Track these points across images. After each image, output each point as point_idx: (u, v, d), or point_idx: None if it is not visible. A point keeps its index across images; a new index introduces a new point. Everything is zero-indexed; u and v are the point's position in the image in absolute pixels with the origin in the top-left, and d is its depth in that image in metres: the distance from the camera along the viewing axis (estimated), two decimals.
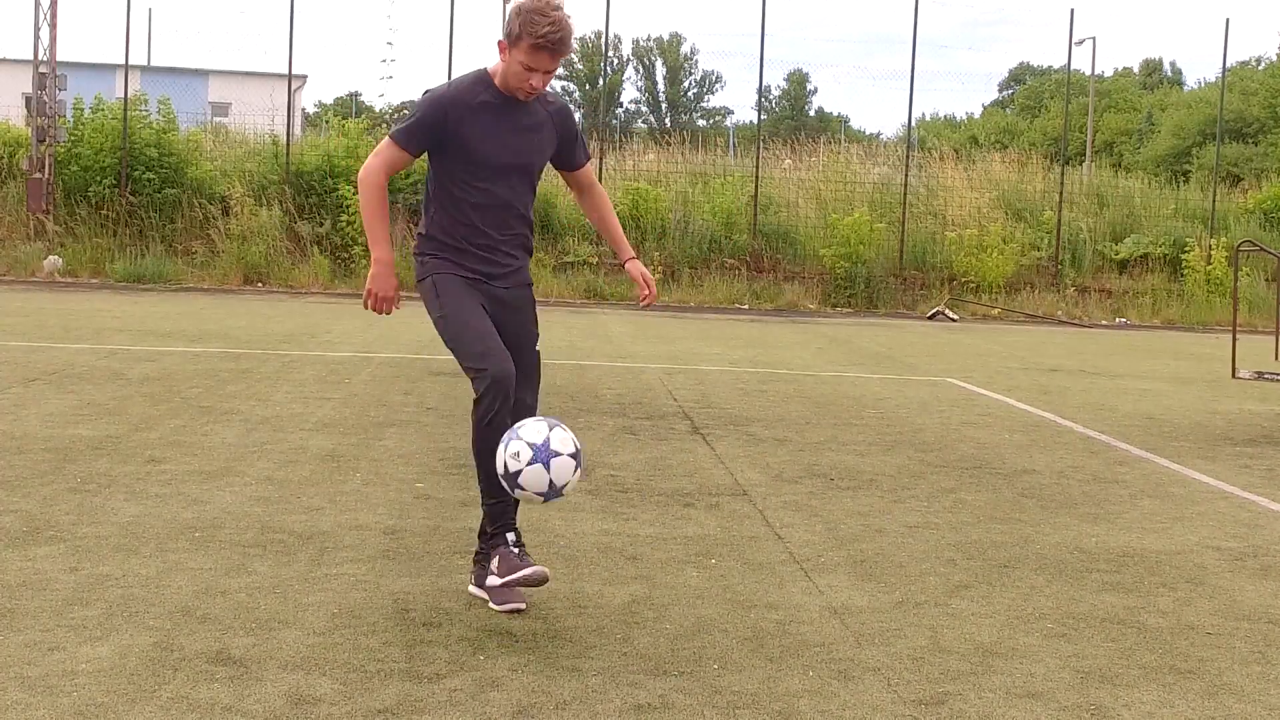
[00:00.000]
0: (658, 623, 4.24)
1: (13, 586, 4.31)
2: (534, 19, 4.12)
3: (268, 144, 24.57)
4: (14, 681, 3.46)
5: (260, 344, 12.42)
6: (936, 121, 64.34)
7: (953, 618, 4.45)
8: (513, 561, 4.26)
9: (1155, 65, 70.10)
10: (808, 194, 25.88)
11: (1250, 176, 32.40)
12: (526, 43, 4.15)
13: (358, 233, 22.14)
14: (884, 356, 14.31)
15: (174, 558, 4.75)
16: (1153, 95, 57.21)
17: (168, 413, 8.04)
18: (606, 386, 10.29)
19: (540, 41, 4.14)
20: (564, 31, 4.16)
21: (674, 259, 23.40)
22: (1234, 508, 6.62)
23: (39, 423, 7.45)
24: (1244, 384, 11.96)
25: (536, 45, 4.14)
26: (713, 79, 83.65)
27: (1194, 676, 3.96)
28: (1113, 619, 4.52)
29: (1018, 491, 6.77)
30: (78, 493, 5.73)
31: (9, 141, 23.52)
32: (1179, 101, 49.87)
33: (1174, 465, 7.81)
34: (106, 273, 21.42)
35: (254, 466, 6.50)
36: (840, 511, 6.08)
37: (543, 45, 4.14)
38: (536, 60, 4.17)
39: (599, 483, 6.50)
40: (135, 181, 22.43)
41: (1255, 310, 23.06)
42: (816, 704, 3.58)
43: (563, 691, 3.58)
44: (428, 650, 3.87)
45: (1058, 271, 24.53)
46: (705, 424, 8.59)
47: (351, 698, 3.46)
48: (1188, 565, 5.34)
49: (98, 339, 12.19)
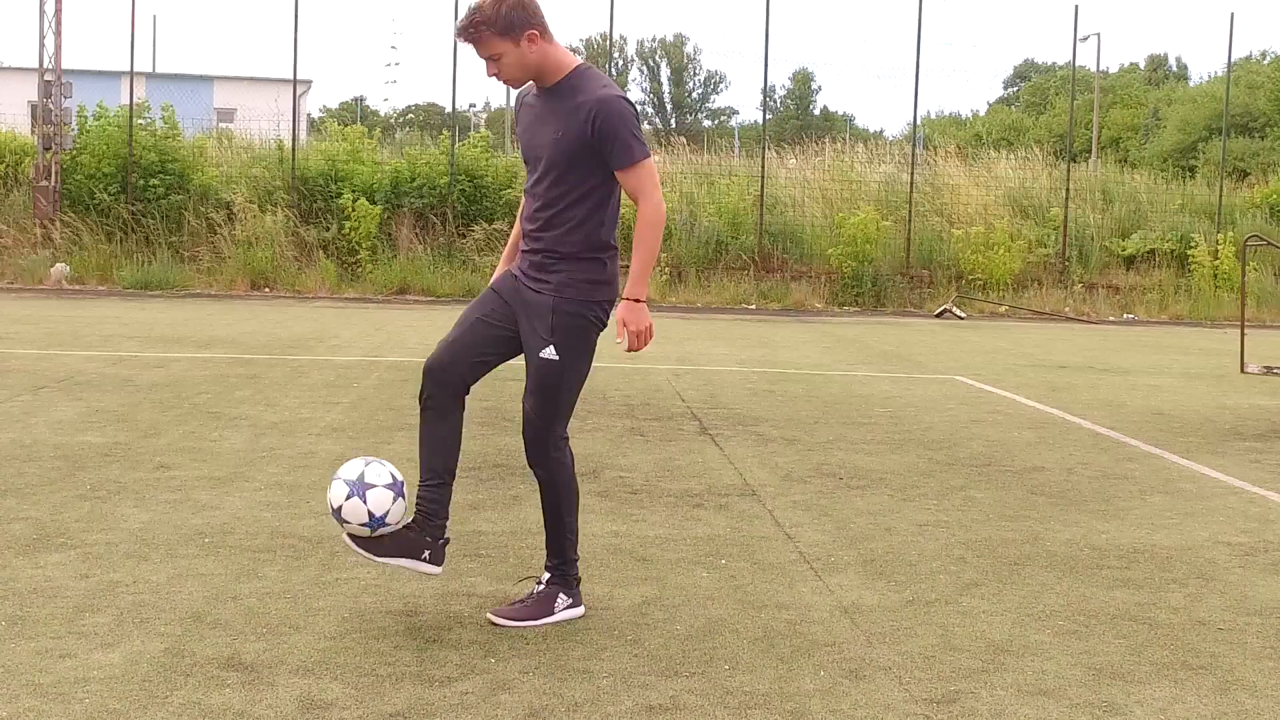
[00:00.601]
0: (668, 624, 4.24)
1: (23, 594, 4.31)
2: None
3: (273, 149, 24.61)
4: (26, 689, 3.47)
5: (268, 349, 12.43)
6: (942, 119, 64.29)
7: (963, 616, 4.44)
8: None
9: (1160, 60, 70.04)
10: (813, 193, 25.86)
11: (1257, 171, 32.31)
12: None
13: (362, 238, 22.18)
14: (892, 355, 14.30)
15: (184, 564, 4.75)
16: (1158, 90, 57.13)
17: (176, 419, 8.05)
18: (614, 388, 10.29)
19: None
20: (465, 19, 4.12)
21: (680, 260, 23.41)
22: (1244, 503, 6.60)
23: (48, 430, 7.47)
24: (1253, 379, 11.94)
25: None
26: (717, 79, 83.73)
27: (1206, 672, 3.95)
28: (1124, 615, 4.51)
29: (1027, 489, 6.76)
30: (87, 499, 5.74)
31: (15, 150, 23.57)
32: (1184, 96, 49.76)
33: (1183, 461, 7.79)
34: (114, 280, 21.46)
35: (263, 472, 6.51)
36: (850, 510, 6.07)
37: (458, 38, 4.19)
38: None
39: (608, 484, 6.50)
40: (140, 188, 22.48)
41: (1263, 305, 23.03)
42: (828, 704, 3.57)
43: (574, 693, 3.58)
44: (438, 654, 3.87)
45: (1065, 268, 24.49)
46: (714, 424, 8.59)
47: (363, 702, 3.46)
48: (1198, 561, 5.33)
49: (106, 346, 12.21)
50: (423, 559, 4.19)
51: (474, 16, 4.10)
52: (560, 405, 4.22)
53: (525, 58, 4.12)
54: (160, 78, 39.04)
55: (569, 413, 4.26)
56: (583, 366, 4.24)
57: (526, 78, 4.20)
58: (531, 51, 4.11)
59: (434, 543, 4.20)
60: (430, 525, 4.20)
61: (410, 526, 4.19)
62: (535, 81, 4.23)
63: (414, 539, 4.18)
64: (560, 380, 4.19)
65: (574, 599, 4.29)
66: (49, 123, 22.31)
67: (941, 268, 23.97)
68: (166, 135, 23.03)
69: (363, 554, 4.14)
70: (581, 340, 4.21)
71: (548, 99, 4.21)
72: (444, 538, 4.24)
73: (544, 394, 4.19)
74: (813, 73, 78.70)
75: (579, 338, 4.20)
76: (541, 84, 4.22)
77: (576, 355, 4.20)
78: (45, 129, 22.32)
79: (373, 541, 4.12)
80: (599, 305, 4.22)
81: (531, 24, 4.10)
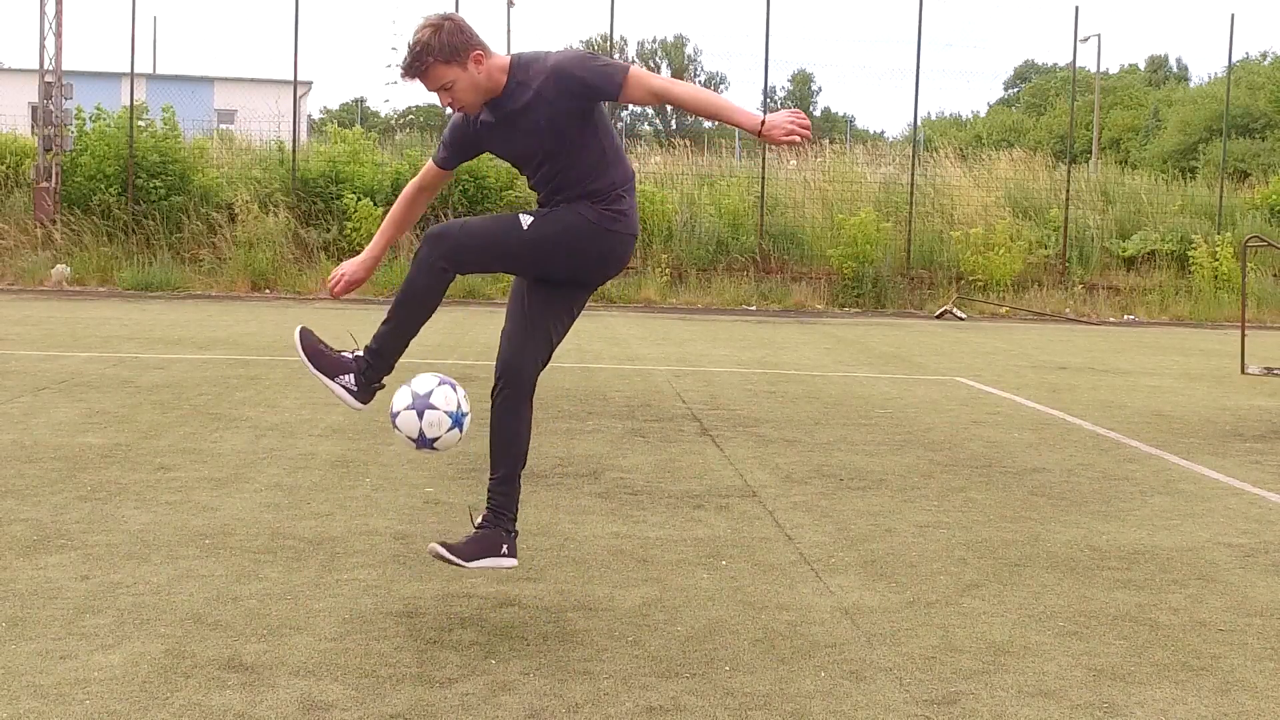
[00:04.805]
0: (669, 625, 4.24)
1: (24, 595, 4.31)
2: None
3: (273, 150, 24.62)
4: (26, 690, 3.47)
5: (268, 350, 12.43)
6: (942, 120, 64.32)
7: (964, 617, 4.44)
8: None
9: (1161, 61, 70.07)
10: (814, 194, 25.87)
11: (1257, 171, 32.33)
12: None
13: (364, 239, 22.19)
14: (892, 356, 14.30)
15: (184, 565, 4.75)
16: (1159, 91, 57.15)
17: (177, 420, 8.05)
18: (615, 389, 10.28)
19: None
20: (408, 56, 4.12)
21: (681, 261, 23.41)
22: (1245, 504, 6.60)
23: (48, 431, 7.47)
24: (1253, 379, 11.94)
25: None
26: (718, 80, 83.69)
27: (1206, 673, 3.95)
28: (1124, 616, 4.51)
29: (1028, 490, 6.76)
30: (88, 501, 5.74)
31: (15, 151, 23.58)
32: (1185, 97, 49.78)
33: (1184, 462, 7.79)
34: (114, 281, 21.46)
35: (264, 473, 6.51)
36: (850, 512, 6.07)
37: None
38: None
39: (609, 485, 6.50)
40: (141, 189, 22.49)
41: (1264, 305, 23.04)
42: (829, 705, 3.57)
43: (575, 695, 3.58)
44: (439, 655, 3.87)
45: (1065, 269, 24.49)
46: (714, 425, 8.59)
47: (363, 703, 3.46)
48: (1199, 562, 5.33)
49: (106, 347, 12.21)
50: (502, 554, 4.28)
51: (416, 50, 4.09)
52: (486, 243, 4.22)
53: (475, 79, 4.12)
54: (161, 79, 39.10)
55: (478, 260, 4.26)
56: (544, 246, 4.19)
57: (480, 99, 4.17)
58: (480, 72, 4.11)
59: (509, 536, 4.29)
60: (502, 519, 4.29)
61: (484, 524, 4.29)
62: (487, 99, 4.20)
63: (490, 536, 4.26)
64: (509, 231, 4.20)
65: (359, 388, 4.31)
66: (49, 124, 22.32)
67: (942, 269, 23.98)
68: (167, 136, 23.04)
69: (454, 562, 4.20)
70: (560, 223, 4.19)
71: (503, 107, 4.19)
72: (514, 530, 4.33)
73: (486, 229, 4.26)
74: (813, 74, 78.76)
75: (559, 222, 4.19)
76: (492, 95, 4.20)
77: (549, 232, 4.18)
78: (46, 130, 22.33)
79: (456, 548, 4.21)
80: (608, 216, 4.21)
81: (473, 45, 4.10)
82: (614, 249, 4.27)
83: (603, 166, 4.22)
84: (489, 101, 4.20)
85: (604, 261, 4.29)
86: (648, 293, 22.52)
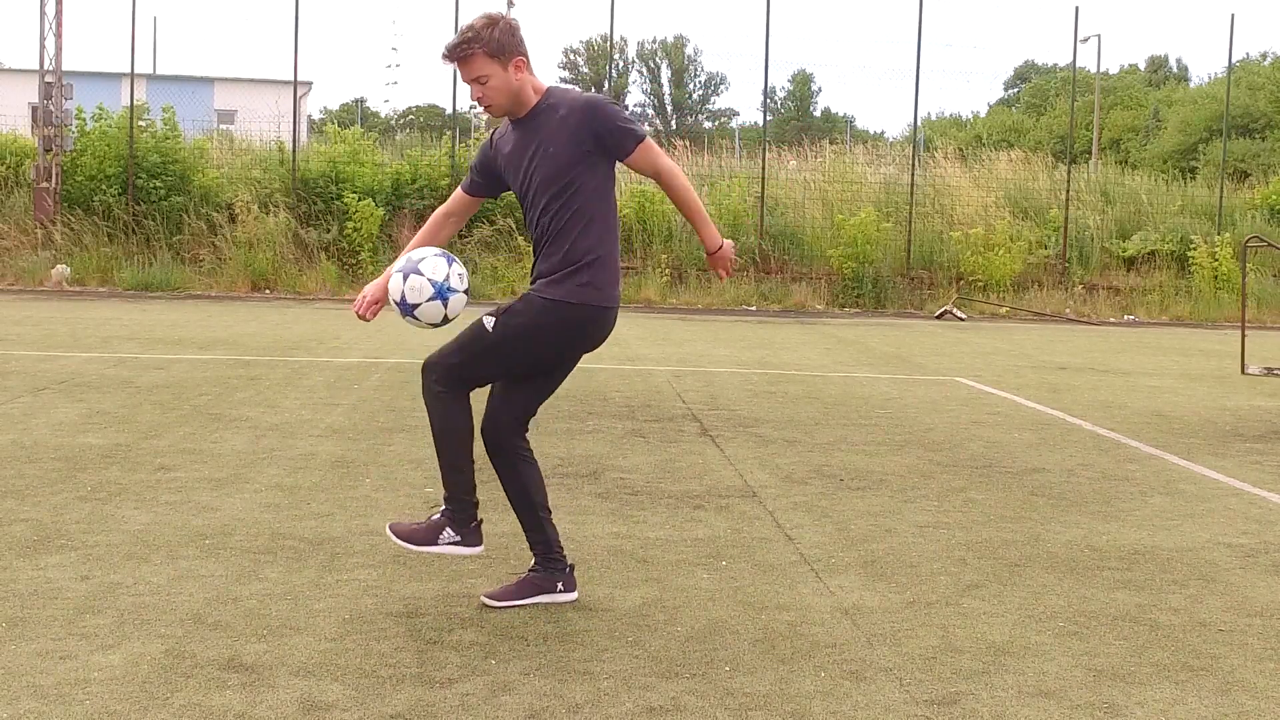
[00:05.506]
0: (669, 625, 4.24)
1: (24, 595, 4.32)
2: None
3: (273, 151, 24.62)
4: (27, 690, 3.47)
5: (269, 351, 12.44)
6: (942, 120, 64.30)
7: (964, 617, 4.44)
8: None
9: (1161, 61, 70.06)
10: (814, 195, 25.87)
11: (1257, 172, 32.33)
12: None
13: (364, 239, 22.21)
14: (892, 356, 14.30)
15: (185, 565, 4.75)
16: (1159, 92, 57.16)
17: (177, 420, 8.05)
18: (615, 389, 10.29)
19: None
20: (457, 37, 4.22)
21: (681, 261, 23.41)
22: (1245, 504, 6.60)
23: (49, 431, 7.47)
24: (1253, 380, 11.95)
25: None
26: (718, 80, 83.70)
27: (1207, 674, 3.95)
28: (1125, 617, 4.51)
29: (1028, 490, 6.77)
30: (88, 501, 5.74)
31: (15, 151, 23.57)
32: (1185, 98, 49.78)
33: (1184, 462, 7.79)
34: (114, 281, 21.46)
35: (264, 473, 6.51)
36: (850, 512, 6.07)
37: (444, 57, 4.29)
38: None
39: (609, 486, 6.50)
40: (141, 190, 22.49)
41: (1264, 306, 23.03)
42: (829, 705, 3.57)
43: (575, 695, 3.58)
44: (439, 655, 3.87)
45: (1065, 269, 24.49)
46: (714, 426, 8.59)
47: (363, 703, 3.46)
48: (1199, 562, 5.33)
49: (106, 347, 12.21)
50: (558, 590, 4.44)
51: (467, 35, 4.21)
52: (465, 357, 4.32)
53: (510, 83, 4.23)
54: (161, 79, 39.09)
55: (469, 374, 4.35)
56: (511, 344, 4.30)
57: (508, 105, 4.28)
58: (516, 78, 4.24)
59: (563, 572, 4.46)
60: (551, 561, 4.44)
61: (535, 569, 4.46)
62: (511, 113, 4.32)
63: (542, 578, 4.43)
64: (481, 341, 4.31)
65: (463, 538, 4.41)
66: (50, 124, 22.31)
67: (942, 269, 23.97)
68: (167, 137, 23.04)
69: (512, 604, 4.34)
70: (527, 316, 4.28)
71: (526, 126, 4.31)
72: (569, 565, 4.49)
73: (460, 341, 4.33)
74: (813, 74, 78.75)
75: (519, 314, 4.29)
76: (516, 115, 4.32)
77: (511, 327, 4.28)
78: (46, 130, 22.32)
79: (509, 590, 4.39)
80: (578, 290, 4.27)
81: (519, 51, 4.25)
82: (583, 324, 4.34)
83: (591, 228, 4.28)
84: (515, 120, 4.32)
85: (582, 334, 4.38)
86: (648, 293, 22.53)
